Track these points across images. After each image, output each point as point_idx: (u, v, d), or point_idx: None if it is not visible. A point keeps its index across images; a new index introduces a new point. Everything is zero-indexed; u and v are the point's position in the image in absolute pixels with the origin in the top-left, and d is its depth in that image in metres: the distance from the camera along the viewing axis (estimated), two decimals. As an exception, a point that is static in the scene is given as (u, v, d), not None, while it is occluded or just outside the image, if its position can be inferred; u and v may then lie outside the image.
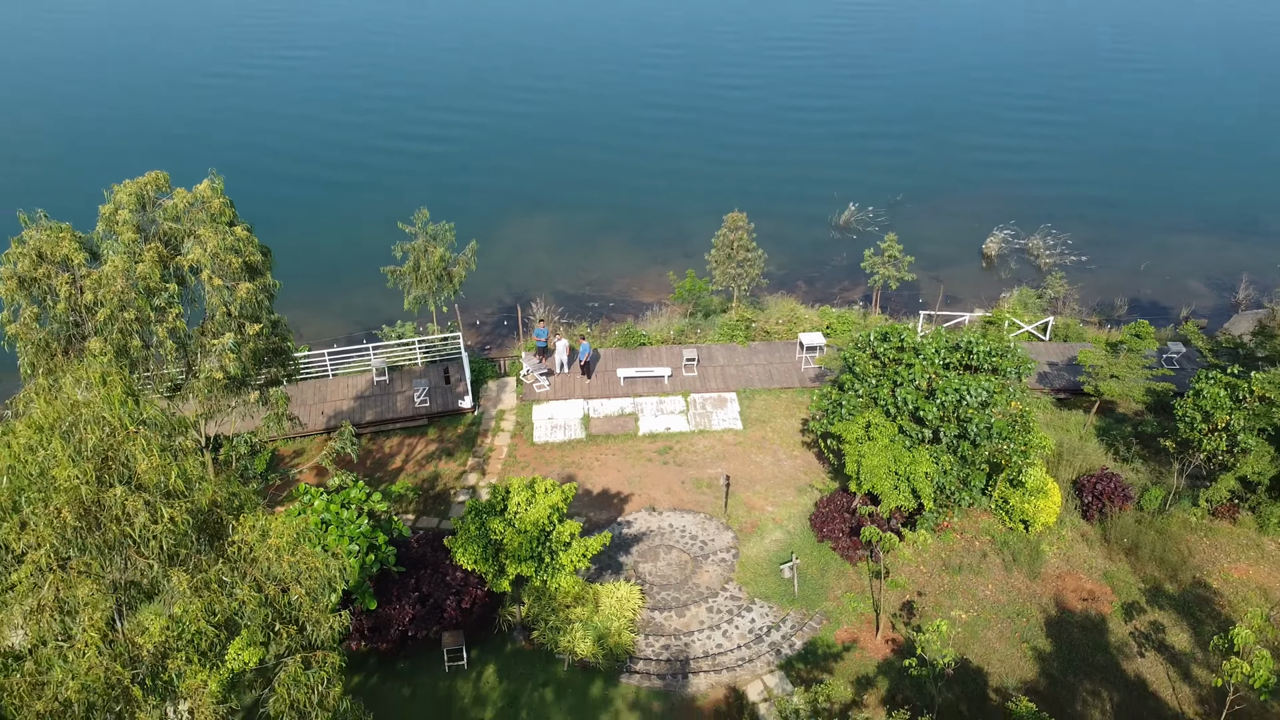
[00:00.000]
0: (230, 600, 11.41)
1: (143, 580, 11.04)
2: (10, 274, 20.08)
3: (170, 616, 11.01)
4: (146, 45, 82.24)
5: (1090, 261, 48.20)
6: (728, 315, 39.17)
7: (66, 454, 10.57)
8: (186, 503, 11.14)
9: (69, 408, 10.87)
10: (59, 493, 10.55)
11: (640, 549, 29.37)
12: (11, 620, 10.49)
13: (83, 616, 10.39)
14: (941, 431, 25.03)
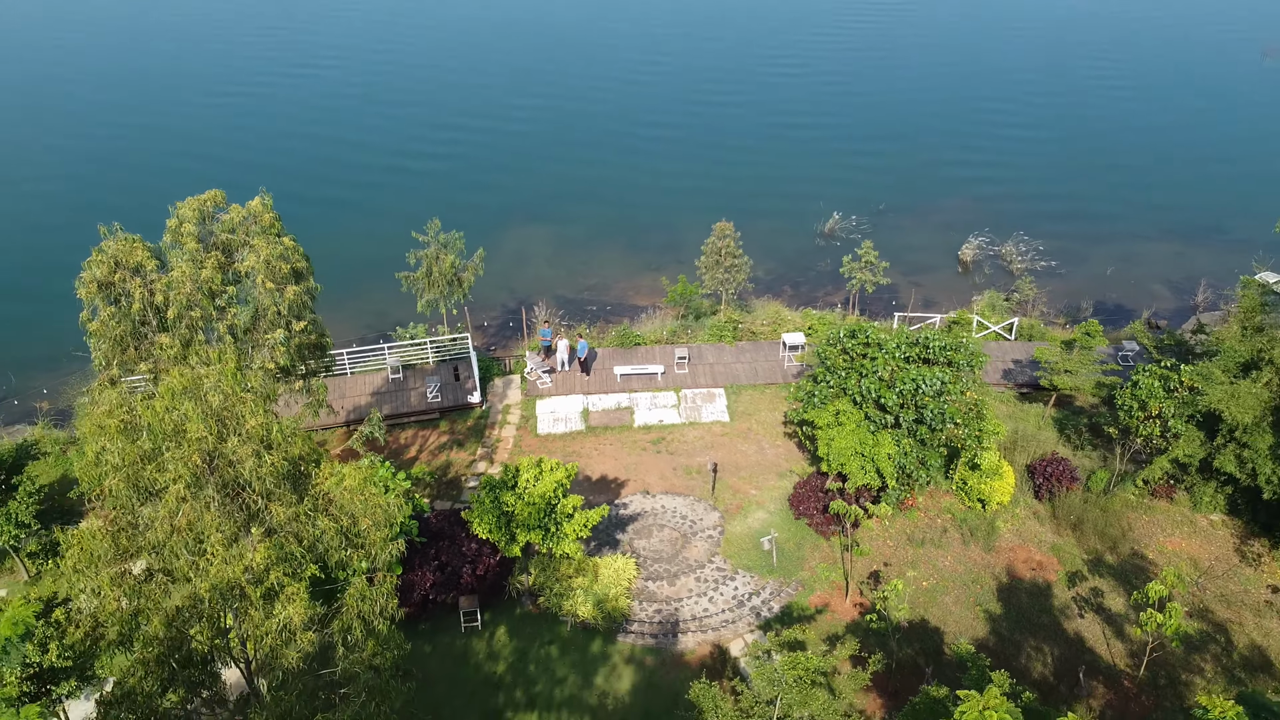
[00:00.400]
0: (314, 529, 14.96)
1: (250, 511, 14.59)
2: (91, 279, 23.64)
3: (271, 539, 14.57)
4: (158, 69, 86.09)
5: (1059, 266, 51.85)
6: (717, 317, 42.79)
7: (195, 413, 14.13)
8: (281, 452, 14.69)
9: (195, 379, 14.43)
10: (189, 443, 14.09)
11: (635, 527, 32.90)
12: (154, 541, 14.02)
13: (210, 535, 13.93)
14: (901, 417, 28.63)
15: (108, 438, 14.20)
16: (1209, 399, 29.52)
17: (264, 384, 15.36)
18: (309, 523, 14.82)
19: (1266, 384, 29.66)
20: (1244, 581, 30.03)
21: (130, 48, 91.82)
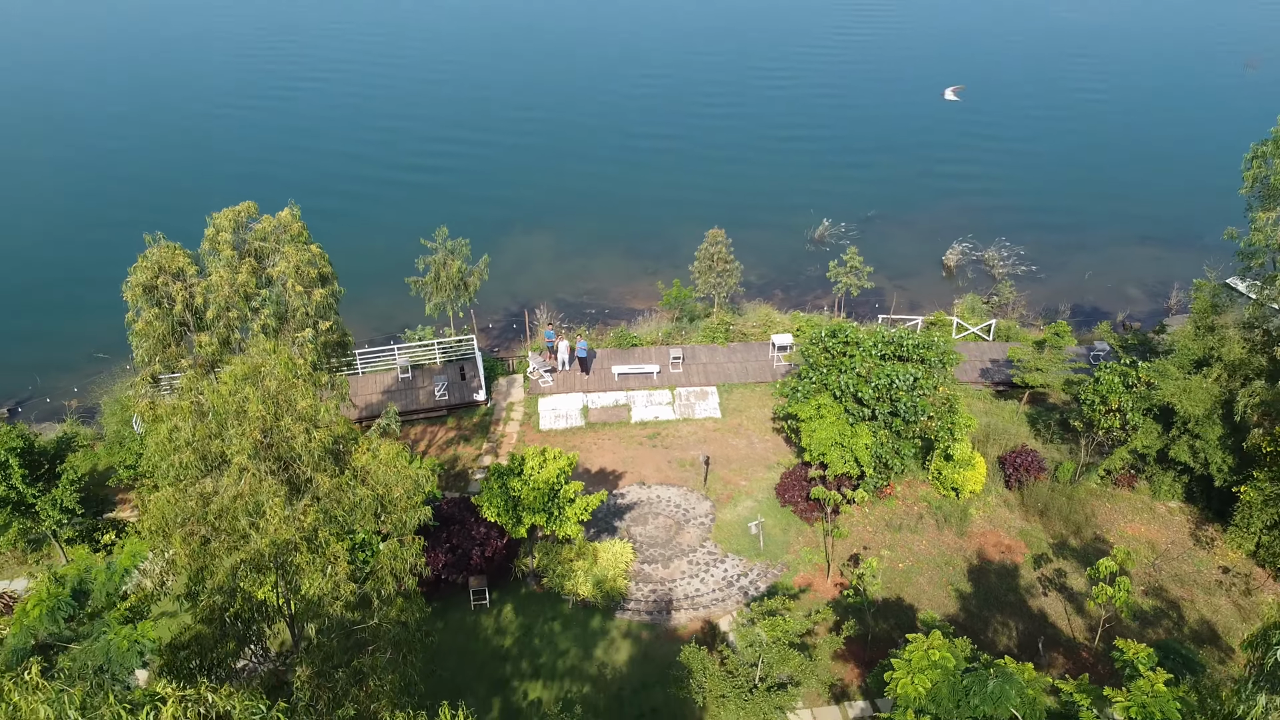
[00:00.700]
0: (353, 496, 17.61)
1: (300, 480, 17.25)
2: (136, 283, 26.31)
3: (318, 505, 17.22)
4: (171, 82, 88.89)
5: (1040, 270, 54.61)
6: (709, 319, 45.49)
7: (255, 396, 16.80)
8: (326, 430, 17.35)
9: (254, 367, 17.08)
10: (250, 420, 16.76)
11: (632, 515, 35.54)
12: (220, 506, 16.67)
13: (268, 501, 16.57)
14: (877, 410, 31.30)
15: (180, 417, 16.86)
16: (1163, 393, 32.21)
17: (312, 372, 18.01)
18: (349, 491, 17.48)
19: (1216, 379, 32.34)
20: (1197, 563, 32.67)
21: (144, 62, 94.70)
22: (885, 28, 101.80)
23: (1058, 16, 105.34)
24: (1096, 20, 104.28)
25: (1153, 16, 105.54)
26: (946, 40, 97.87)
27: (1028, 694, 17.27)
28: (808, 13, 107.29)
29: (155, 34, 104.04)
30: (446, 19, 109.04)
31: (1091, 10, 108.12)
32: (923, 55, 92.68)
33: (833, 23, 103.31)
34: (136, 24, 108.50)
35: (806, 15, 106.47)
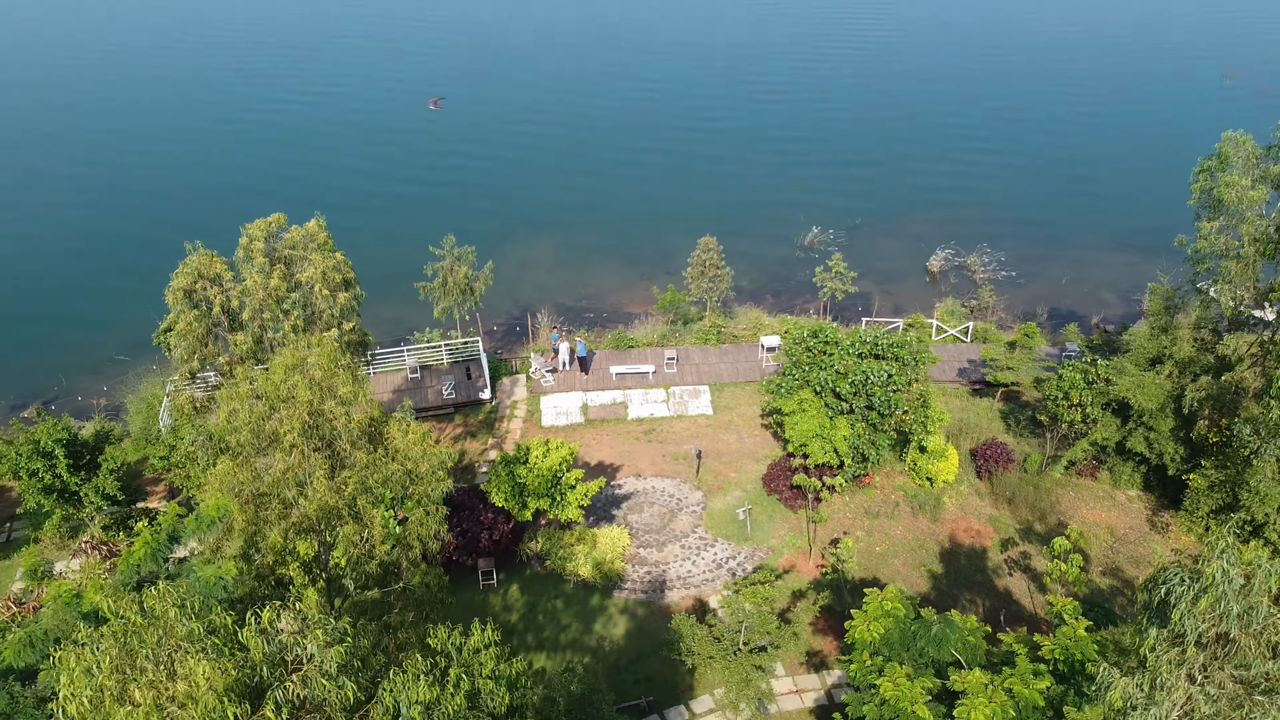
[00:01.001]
0: (386, 469, 20.59)
1: (341, 455, 20.24)
2: (178, 287, 29.34)
3: (356, 477, 20.21)
4: (180, 95, 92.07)
5: (1019, 276, 57.68)
6: (702, 322, 48.54)
7: (303, 382, 19.80)
8: (364, 412, 20.35)
9: (301, 358, 20.08)
10: (299, 404, 19.76)
11: (629, 504, 38.50)
12: (273, 476, 19.64)
13: (315, 472, 19.56)
14: (854, 404, 34.32)
15: (239, 401, 19.86)
16: (1119, 389, 35.24)
17: (351, 362, 21.03)
18: (383, 465, 20.48)
19: (1169, 375, 35.38)
20: (1152, 546, 35.66)
21: (160, 79, 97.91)
22: (873, 42, 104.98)
23: (1041, 30, 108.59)
24: (1078, 32, 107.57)
25: (1132, 29, 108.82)
26: (931, 54, 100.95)
27: (968, 640, 20.22)
28: (798, 28, 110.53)
29: (169, 51, 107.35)
30: (450, 36, 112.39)
31: (1073, 23, 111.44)
32: (909, 69, 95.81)
33: (823, 37, 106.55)
34: (148, 42, 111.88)
35: (797, 31, 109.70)
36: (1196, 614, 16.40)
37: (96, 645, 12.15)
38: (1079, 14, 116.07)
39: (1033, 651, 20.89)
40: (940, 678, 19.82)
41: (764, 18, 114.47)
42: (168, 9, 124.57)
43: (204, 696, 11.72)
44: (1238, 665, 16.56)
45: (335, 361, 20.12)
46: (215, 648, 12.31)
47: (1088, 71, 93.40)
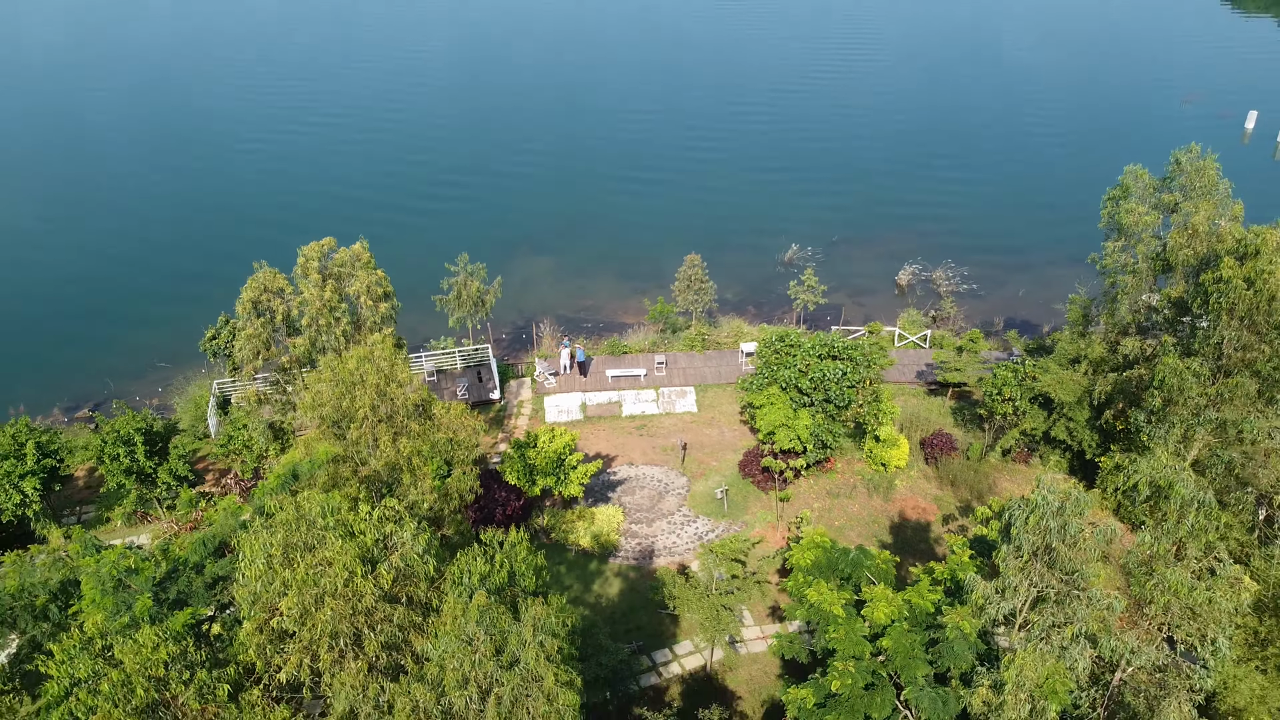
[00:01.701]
0: (433, 437, 27.56)
1: (400, 425, 27.22)
2: (247, 299, 36.39)
3: (412, 442, 27.18)
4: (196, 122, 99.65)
5: (980, 289, 64.83)
6: (689, 330, 55.59)
7: (371, 370, 26.80)
8: (416, 394, 27.34)
9: (369, 351, 27.07)
10: (369, 386, 26.76)
11: (623, 488, 45.41)
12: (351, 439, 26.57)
13: (381, 438, 26.51)
14: (814, 398, 41.31)
15: (325, 385, 26.85)
16: (1042, 384, 42.25)
17: (406, 354, 28.03)
18: (431, 433, 27.48)
19: (1085, 373, 42.41)
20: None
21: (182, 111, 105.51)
22: (849, 72, 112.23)
23: (1009, 56, 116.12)
24: (1045, 58, 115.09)
25: (1098, 56, 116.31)
26: (905, 82, 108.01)
27: (879, 566, 27.08)
28: (781, 61, 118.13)
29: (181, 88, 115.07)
30: (454, 68, 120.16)
31: (1041, 48, 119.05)
32: (884, 97, 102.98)
33: (804, 68, 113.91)
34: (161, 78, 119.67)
35: (780, 63, 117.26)
36: (1028, 530, 23.34)
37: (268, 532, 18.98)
38: (1046, 40, 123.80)
39: (931, 577, 27.79)
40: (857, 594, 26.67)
41: (748, 51, 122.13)
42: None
43: (339, 564, 18.52)
44: (1060, 567, 23.49)
45: (394, 354, 27.14)
46: (344, 534, 19.12)
47: (1052, 97, 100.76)
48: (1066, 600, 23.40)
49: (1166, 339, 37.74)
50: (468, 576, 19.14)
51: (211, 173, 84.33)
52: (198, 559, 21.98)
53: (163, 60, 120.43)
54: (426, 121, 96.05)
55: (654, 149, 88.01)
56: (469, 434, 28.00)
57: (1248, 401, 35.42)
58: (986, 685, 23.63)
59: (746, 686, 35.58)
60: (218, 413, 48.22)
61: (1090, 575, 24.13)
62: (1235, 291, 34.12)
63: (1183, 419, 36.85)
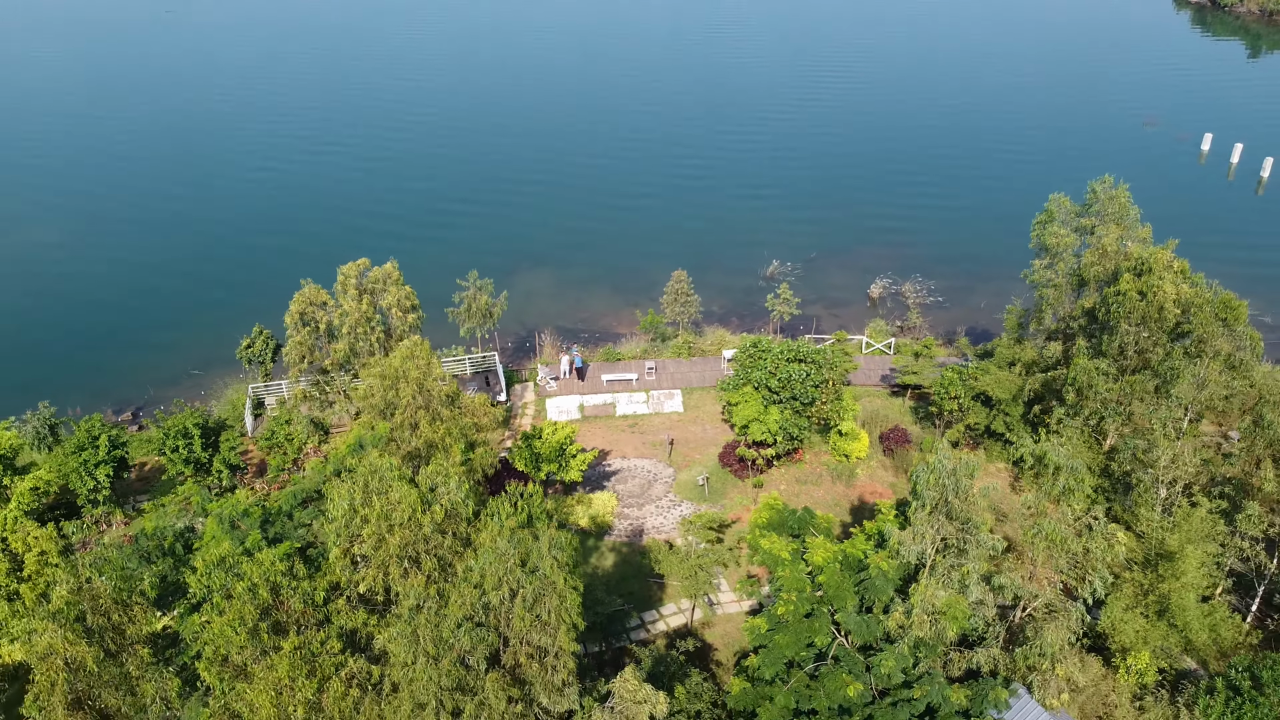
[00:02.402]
0: (462, 421, 35.03)
1: (435, 411, 34.74)
2: (295, 310, 43.98)
3: (444, 424, 34.67)
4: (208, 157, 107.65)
5: (945, 301, 72.51)
6: (676, 339, 63.17)
7: (412, 366, 34.33)
8: (448, 386, 34.83)
9: (411, 352, 34.55)
10: (410, 379, 34.29)
11: (616, 477, 52.82)
12: (396, 423, 34.03)
13: (423, 422, 33.97)
14: (782, 396, 48.83)
15: (375, 378, 34.33)
16: (981, 384, 49.80)
17: (440, 356, 35.57)
18: (460, 418, 35.02)
19: (1019, 374, 49.98)
20: (1011, 502, 50.06)
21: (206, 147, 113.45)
22: (828, 99, 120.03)
23: (982, 81, 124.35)
24: (1015, 80, 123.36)
25: (1064, 78, 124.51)
26: (880, 107, 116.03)
27: (821, 524, 34.51)
28: (763, 87, 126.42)
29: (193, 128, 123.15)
30: (459, 98, 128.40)
31: (1012, 72, 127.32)
32: (862, 122, 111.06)
33: (785, 95, 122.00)
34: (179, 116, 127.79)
35: (762, 89, 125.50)
36: (929, 488, 30.81)
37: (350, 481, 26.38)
38: (1018, 64, 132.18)
39: (863, 533, 35.26)
40: (803, 544, 34.11)
41: (732, 81, 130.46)
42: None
43: (404, 504, 25.89)
44: (956, 518, 30.97)
45: (430, 354, 34.70)
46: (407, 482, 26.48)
47: (1022, 121, 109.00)
48: (962, 544, 30.81)
49: (1081, 343, 45.32)
50: (498, 515, 26.40)
51: (233, 197, 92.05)
52: (288, 507, 29.14)
53: (188, 91, 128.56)
54: (433, 148, 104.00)
55: (645, 173, 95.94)
56: (490, 419, 35.46)
57: (1147, 396, 42.98)
58: (900, 612, 31.06)
59: (721, 640, 42.94)
60: (253, 413, 55.67)
61: (980, 524, 31.63)
62: (1131, 302, 41.76)
63: (1095, 411, 44.41)
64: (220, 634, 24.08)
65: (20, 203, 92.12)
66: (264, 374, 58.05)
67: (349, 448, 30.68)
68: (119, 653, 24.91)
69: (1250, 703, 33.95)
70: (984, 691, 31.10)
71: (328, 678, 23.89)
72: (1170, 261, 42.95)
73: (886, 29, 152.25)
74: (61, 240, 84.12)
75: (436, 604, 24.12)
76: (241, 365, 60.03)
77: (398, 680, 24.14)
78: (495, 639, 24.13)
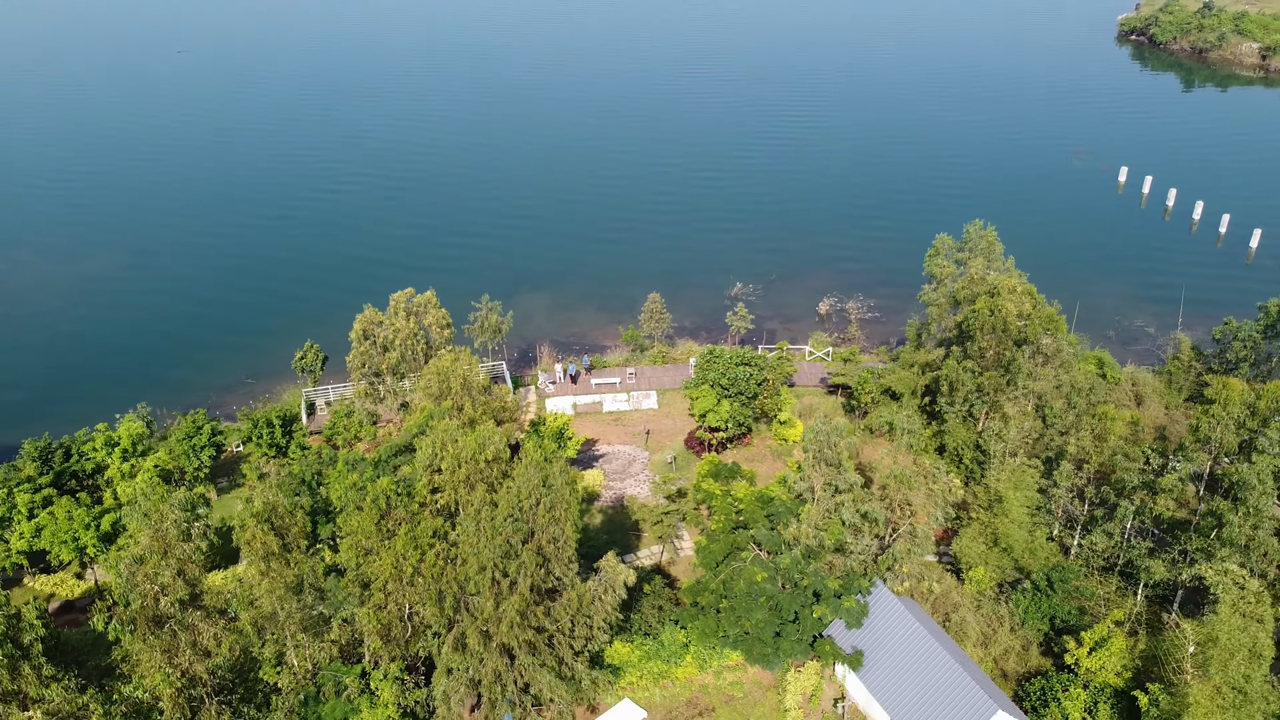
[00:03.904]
0: (492, 405, 52.96)
1: (477, 398, 52.73)
2: (358, 328, 62.15)
3: (482, 405, 52.67)
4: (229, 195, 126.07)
5: (882, 317, 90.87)
6: (653, 350, 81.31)
7: (457, 366, 52.34)
8: (485, 378, 52.79)
9: (457, 356, 52.43)
10: (457, 374, 52.32)
11: (603, 459, 70.85)
12: (445, 408, 51.92)
13: (466, 404, 51.88)
14: (731, 391, 66.95)
15: (432, 374, 52.28)
16: (886, 382, 67.97)
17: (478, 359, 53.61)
18: (493, 402, 53.09)
19: (916, 373, 68.16)
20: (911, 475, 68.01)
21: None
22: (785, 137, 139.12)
23: (929, 117, 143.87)
24: (960, 117, 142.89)
25: (1005, 112, 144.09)
26: (833, 142, 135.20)
27: (746, 474, 52.56)
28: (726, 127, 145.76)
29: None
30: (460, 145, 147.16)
31: (957, 109, 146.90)
32: (814, 156, 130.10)
33: (748, 134, 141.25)
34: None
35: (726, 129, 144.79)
36: (813, 443, 48.85)
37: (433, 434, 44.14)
38: (963, 99, 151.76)
39: (778, 481, 53.28)
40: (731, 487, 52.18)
41: (700, 120, 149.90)
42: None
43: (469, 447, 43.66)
44: (831, 463, 49.00)
45: (471, 359, 52.78)
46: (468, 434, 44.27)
47: (964, 152, 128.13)
48: (837, 485, 48.75)
49: (955, 350, 63.52)
50: (529, 453, 43.98)
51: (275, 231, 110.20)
52: (386, 456, 46.50)
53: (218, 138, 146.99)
54: (444, 187, 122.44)
55: (625, 206, 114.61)
56: (513, 403, 53.36)
57: (1000, 388, 61.13)
58: (794, 528, 48.98)
59: (682, 574, 60.79)
60: (307, 411, 73.43)
61: (847, 468, 49.58)
62: (983, 318, 60.02)
63: (966, 400, 62.57)
64: (358, 527, 41.51)
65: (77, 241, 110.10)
66: (313, 380, 75.88)
67: (423, 419, 48.04)
68: (289, 546, 42.21)
69: (1045, 597, 51.91)
70: (851, 581, 48.89)
71: (424, 552, 41.31)
72: (1015, 286, 61.23)
73: (837, 70, 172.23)
74: (123, 271, 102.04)
75: (490, 509, 41.52)
76: (284, 373, 77.91)
77: (466, 555, 41.57)
78: (526, 529, 41.49)
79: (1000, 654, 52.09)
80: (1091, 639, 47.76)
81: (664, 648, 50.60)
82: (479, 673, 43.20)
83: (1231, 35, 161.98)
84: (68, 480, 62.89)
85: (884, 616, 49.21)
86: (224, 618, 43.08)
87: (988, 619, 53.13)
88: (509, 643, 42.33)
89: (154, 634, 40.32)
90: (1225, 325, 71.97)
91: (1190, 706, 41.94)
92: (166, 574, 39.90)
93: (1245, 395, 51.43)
